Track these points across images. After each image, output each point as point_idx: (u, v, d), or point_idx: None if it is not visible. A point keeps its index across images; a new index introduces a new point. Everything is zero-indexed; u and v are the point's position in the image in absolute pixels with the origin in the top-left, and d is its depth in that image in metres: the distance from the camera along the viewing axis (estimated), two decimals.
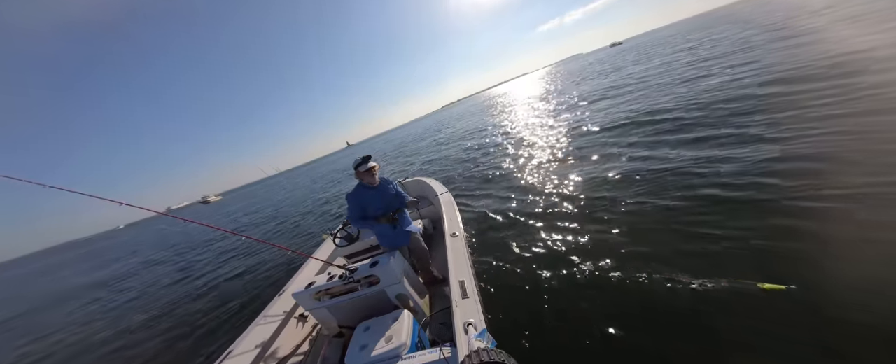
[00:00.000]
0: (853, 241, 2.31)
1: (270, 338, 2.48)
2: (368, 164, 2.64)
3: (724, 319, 2.05)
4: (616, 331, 2.23)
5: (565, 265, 3.11)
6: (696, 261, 2.60)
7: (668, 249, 2.84)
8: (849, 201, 2.67)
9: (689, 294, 2.30)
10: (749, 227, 2.77)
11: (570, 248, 3.36)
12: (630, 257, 2.92)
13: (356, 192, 2.71)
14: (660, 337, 2.10)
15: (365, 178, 2.68)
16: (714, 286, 2.29)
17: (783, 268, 2.27)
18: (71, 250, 68.11)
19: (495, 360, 1.11)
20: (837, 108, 4.39)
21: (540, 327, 2.49)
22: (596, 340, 2.22)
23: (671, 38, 34.62)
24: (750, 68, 8.17)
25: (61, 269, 24.92)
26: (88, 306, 9.17)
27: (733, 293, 2.19)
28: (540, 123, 11.91)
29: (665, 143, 5.41)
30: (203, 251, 11.88)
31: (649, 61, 18.50)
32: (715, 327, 2.03)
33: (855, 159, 3.18)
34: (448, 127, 26.17)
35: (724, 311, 2.09)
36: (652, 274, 2.59)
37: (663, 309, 2.27)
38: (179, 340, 4.83)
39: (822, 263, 2.21)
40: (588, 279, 2.82)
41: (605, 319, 2.34)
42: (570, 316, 2.51)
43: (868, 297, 1.88)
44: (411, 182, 5.34)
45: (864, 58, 6.01)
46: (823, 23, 11.54)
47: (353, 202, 2.68)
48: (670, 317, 2.20)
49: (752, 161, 3.80)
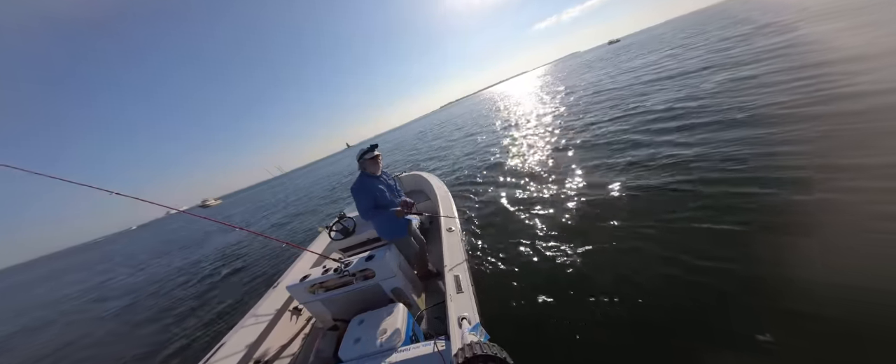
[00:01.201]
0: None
1: (264, 330, 2.47)
2: (375, 153, 2.70)
3: (724, 319, 2.06)
4: (609, 326, 2.25)
5: (560, 261, 3.13)
6: (695, 260, 2.60)
7: (666, 248, 2.84)
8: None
9: (685, 290, 2.32)
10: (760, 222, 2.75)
11: (566, 244, 3.38)
12: (626, 254, 2.93)
13: (363, 182, 2.67)
14: (654, 332, 2.12)
15: (370, 167, 2.70)
16: (713, 287, 2.30)
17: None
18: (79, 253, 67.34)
19: (488, 353, 1.12)
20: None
21: (533, 322, 2.52)
22: (588, 335, 2.24)
23: (664, 35, 34.80)
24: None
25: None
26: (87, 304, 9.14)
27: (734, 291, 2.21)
28: (539, 120, 11.93)
29: (664, 140, 5.44)
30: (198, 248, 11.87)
31: (647, 56, 18.58)
32: (713, 326, 2.04)
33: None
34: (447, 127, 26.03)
35: (724, 312, 2.11)
36: (650, 272, 2.60)
37: (659, 306, 2.29)
38: (170, 333, 4.82)
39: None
40: (582, 275, 2.85)
41: (598, 315, 2.37)
42: (563, 311, 2.53)
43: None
44: (408, 176, 5.33)
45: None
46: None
47: (365, 193, 2.62)
48: (666, 314, 2.21)
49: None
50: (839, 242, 2.29)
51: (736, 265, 2.38)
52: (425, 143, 20.29)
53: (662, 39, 29.14)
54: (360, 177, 2.72)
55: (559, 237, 3.58)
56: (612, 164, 5.14)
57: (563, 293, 2.71)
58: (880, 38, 6.59)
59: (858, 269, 2.05)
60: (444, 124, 31.37)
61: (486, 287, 3.09)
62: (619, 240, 3.16)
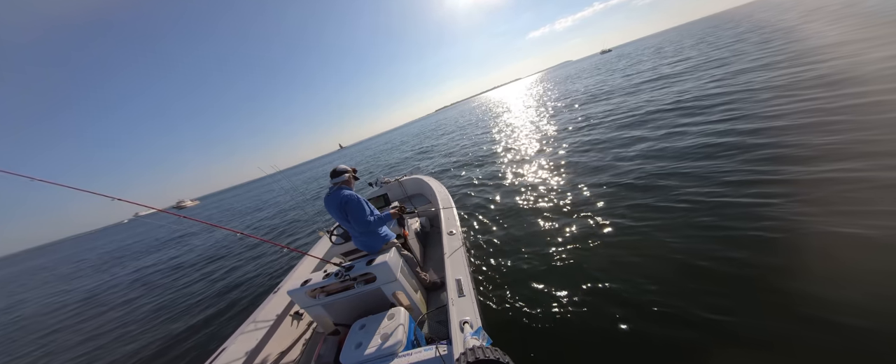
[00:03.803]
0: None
1: (265, 336, 2.47)
2: (356, 174, 2.82)
3: (723, 319, 2.09)
4: (613, 330, 2.27)
5: (563, 264, 3.17)
6: (695, 259, 2.65)
7: (666, 250, 2.89)
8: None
9: (690, 294, 2.35)
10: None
11: (568, 249, 3.41)
12: (631, 256, 2.97)
13: (356, 194, 2.65)
14: (659, 335, 2.13)
15: (352, 185, 2.77)
16: (712, 284, 2.36)
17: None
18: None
19: (491, 357, 1.12)
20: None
21: (536, 325, 2.54)
22: (592, 339, 2.27)
23: (656, 45, 35.39)
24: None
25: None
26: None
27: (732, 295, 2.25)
28: (536, 125, 12.05)
29: (665, 139, 5.59)
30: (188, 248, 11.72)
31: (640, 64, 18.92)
32: (713, 326, 2.07)
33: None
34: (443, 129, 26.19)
35: (723, 311, 2.14)
36: (656, 275, 2.63)
37: (664, 309, 2.30)
38: (170, 339, 4.77)
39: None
40: (586, 278, 2.87)
41: (601, 318, 2.39)
42: (566, 314, 2.55)
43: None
44: (409, 180, 5.34)
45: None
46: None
47: (363, 203, 2.60)
48: (673, 317, 2.22)
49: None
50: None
51: (742, 266, 2.42)
52: (423, 143, 20.45)
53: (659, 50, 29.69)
54: (345, 190, 2.62)
55: (562, 240, 3.61)
56: (615, 166, 5.24)
57: (566, 297, 2.74)
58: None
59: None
60: (439, 126, 31.54)
61: (488, 291, 3.12)
62: (623, 242, 3.20)
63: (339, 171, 2.71)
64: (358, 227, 2.59)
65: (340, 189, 2.63)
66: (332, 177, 2.71)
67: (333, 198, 2.59)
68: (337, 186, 2.66)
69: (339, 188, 2.64)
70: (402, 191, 5.36)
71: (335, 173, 2.71)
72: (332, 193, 2.62)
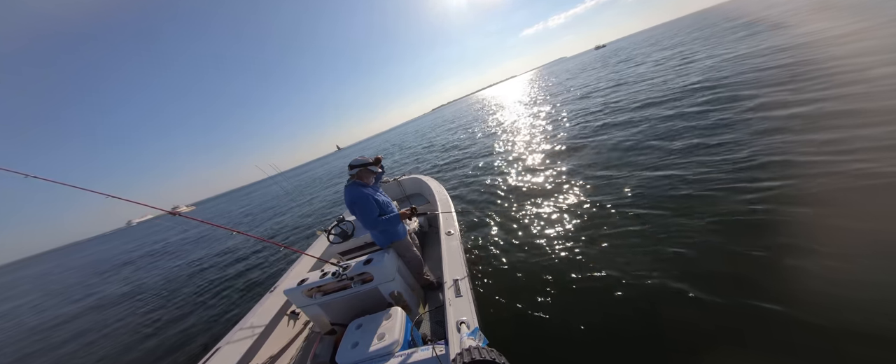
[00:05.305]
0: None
1: (260, 335, 2.46)
2: (378, 168, 2.70)
3: (723, 318, 2.10)
4: (609, 331, 2.29)
5: (560, 265, 3.17)
6: (695, 260, 2.65)
7: (665, 252, 2.88)
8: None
9: (686, 296, 2.34)
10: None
11: (566, 248, 3.42)
12: (627, 257, 2.97)
13: (365, 191, 2.55)
14: (655, 336, 2.15)
15: (366, 177, 2.64)
16: (712, 285, 2.36)
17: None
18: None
19: (487, 358, 1.13)
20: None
21: (533, 326, 2.54)
22: (588, 340, 2.27)
23: (651, 38, 35.48)
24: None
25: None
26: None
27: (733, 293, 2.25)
28: (531, 123, 12.03)
29: (659, 146, 5.57)
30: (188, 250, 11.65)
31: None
32: (713, 327, 2.07)
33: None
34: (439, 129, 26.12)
35: (723, 311, 2.15)
36: (650, 275, 2.64)
37: (657, 310, 2.32)
38: (162, 337, 4.75)
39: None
40: (582, 279, 2.88)
41: (596, 320, 2.40)
42: (562, 315, 2.56)
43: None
44: (408, 179, 5.31)
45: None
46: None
47: (371, 202, 2.51)
48: (669, 317, 2.23)
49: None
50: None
51: (739, 265, 2.43)
52: (421, 143, 20.36)
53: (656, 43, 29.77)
54: (355, 185, 2.56)
55: (559, 241, 3.61)
56: (612, 166, 5.23)
57: (562, 298, 2.74)
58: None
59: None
60: (436, 127, 31.42)
61: (485, 291, 3.12)
62: (620, 243, 3.20)
63: (353, 165, 2.62)
64: (366, 226, 2.59)
65: (354, 184, 2.58)
66: (349, 170, 2.66)
67: (346, 193, 2.57)
68: (351, 181, 2.62)
69: (352, 183, 2.60)
70: (400, 190, 5.33)
71: (351, 167, 2.64)
72: (346, 188, 2.59)
